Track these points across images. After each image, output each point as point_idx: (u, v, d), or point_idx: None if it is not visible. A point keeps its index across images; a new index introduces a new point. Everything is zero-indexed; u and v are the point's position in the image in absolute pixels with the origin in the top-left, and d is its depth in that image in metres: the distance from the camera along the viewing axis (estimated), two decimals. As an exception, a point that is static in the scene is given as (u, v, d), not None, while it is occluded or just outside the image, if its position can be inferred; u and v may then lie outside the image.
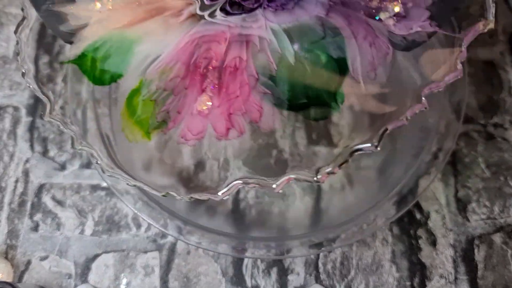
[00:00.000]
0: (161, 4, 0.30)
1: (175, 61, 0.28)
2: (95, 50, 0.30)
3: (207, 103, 0.28)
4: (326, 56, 0.27)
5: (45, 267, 0.45)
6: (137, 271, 0.45)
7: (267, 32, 0.28)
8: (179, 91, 0.28)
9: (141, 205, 0.38)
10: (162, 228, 0.37)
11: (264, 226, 0.39)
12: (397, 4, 0.26)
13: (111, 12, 0.29)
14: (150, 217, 0.38)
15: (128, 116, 0.29)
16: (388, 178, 0.40)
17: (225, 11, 0.29)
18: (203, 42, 0.29)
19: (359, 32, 0.27)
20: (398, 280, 0.45)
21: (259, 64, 0.28)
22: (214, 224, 0.40)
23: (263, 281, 0.45)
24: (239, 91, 0.28)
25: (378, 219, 0.37)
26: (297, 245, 0.38)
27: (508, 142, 0.49)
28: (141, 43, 0.29)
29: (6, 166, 0.49)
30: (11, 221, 0.47)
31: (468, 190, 0.47)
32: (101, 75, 0.30)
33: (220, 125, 0.28)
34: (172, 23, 0.29)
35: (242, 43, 0.28)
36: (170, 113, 0.29)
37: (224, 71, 0.28)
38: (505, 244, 0.46)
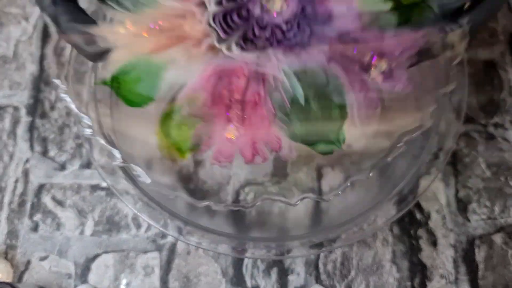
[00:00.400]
0: (181, 32, 0.32)
1: (201, 91, 0.32)
2: (125, 73, 0.32)
3: (234, 131, 0.32)
4: (330, 101, 0.31)
5: (45, 267, 0.45)
6: (137, 272, 0.45)
7: (280, 72, 0.32)
8: (208, 118, 0.32)
9: (141, 205, 0.38)
10: (162, 228, 0.37)
11: (264, 227, 0.39)
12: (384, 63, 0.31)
13: (135, 37, 0.32)
14: (150, 217, 0.38)
15: (164, 138, 0.33)
16: (388, 178, 0.40)
17: (240, 46, 0.32)
18: (224, 75, 0.32)
19: (355, 84, 0.31)
20: (399, 280, 0.45)
21: (275, 101, 0.32)
22: (214, 224, 0.40)
23: (263, 281, 0.45)
24: (260, 124, 0.32)
25: (378, 219, 0.37)
26: (297, 245, 0.38)
27: (508, 142, 0.49)
28: (167, 70, 0.32)
29: (6, 166, 0.48)
30: (11, 221, 0.47)
31: (469, 190, 0.47)
32: (133, 97, 0.32)
33: (247, 151, 0.32)
34: (194, 54, 0.32)
35: (259, 80, 0.32)
36: (202, 137, 0.32)
37: (246, 104, 0.32)
38: (506, 245, 0.46)
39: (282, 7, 0.33)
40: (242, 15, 0.32)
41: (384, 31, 0.31)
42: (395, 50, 0.32)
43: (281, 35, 0.32)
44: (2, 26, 0.53)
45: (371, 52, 0.32)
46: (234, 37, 0.32)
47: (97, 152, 0.40)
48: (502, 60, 0.52)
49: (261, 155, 0.32)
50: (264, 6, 0.33)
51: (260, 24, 0.32)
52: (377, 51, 0.32)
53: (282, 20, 0.32)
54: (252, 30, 0.32)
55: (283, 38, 0.32)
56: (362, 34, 0.32)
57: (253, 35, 0.33)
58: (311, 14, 0.33)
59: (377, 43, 0.32)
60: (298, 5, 0.33)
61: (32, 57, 0.52)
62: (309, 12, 0.33)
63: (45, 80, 0.51)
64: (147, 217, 0.38)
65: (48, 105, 0.50)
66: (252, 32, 0.32)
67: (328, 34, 0.32)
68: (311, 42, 0.32)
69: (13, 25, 0.53)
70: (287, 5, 0.33)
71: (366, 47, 0.32)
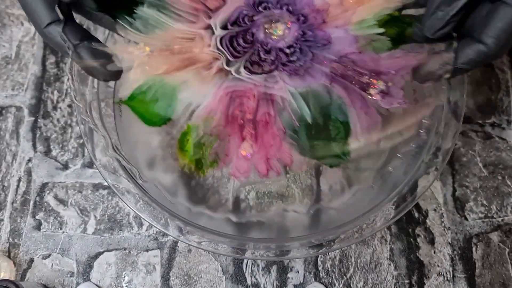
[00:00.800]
0: (191, 55, 0.35)
1: (215, 111, 0.34)
2: (142, 93, 0.34)
3: (249, 149, 0.34)
4: (335, 119, 0.34)
5: (48, 266, 0.46)
6: (139, 269, 0.45)
7: (287, 93, 0.35)
8: (223, 137, 0.35)
9: (141, 205, 0.38)
10: (162, 228, 0.37)
11: (263, 227, 0.39)
12: (381, 82, 0.34)
13: (149, 58, 0.34)
14: (150, 217, 0.38)
15: (183, 156, 0.35)
16: (387, 179, 0.40)
17: (248, 69, 0.35)
18: (235, 96, 0.35)
19: (356, 102, 0.34)
20: (397, 278, 0.45)
21: (284, 120, 0.35)
22: (214, 225, 0.40)
23: (263, 279, 0.45)
24: (272, 141, 0.34)
25: (377, 219, 0.37)
26: (297, 246, 0.38)
27: (505, 141, 0.49)
28: (182, 91, 0.34)
29: (8, 166, 0.49)
30: (14, 220, 0.47)
31: (466, 189, 0.48)
32: (151, 117, 0.35)
33: (261, 167, 0.35)
34: (205, 76, 0.35)
35: (268, 101, 0.35)
36: (219, 155, 0.35)
37: (257, 124, 0.35)
38: (503, 243, 0.46)
39: (284, 32, 0.36)
40: (247, 39, 0.35)
41: (379, 53, 0.34)
42: (390, 70, 0.35)
43: (285, 58, 0.36)
44: (4, 27, 0.54)
45: (369, 73, 0.34)
46: (242, 60, 0.35)
47: (98, 151, 0.40)
48: (500, 60, 0.52)
49: (275, 170, 0.35)
50: (267, 30, 0.36)
51: (265, 48, 0.36)
52: (374, 72, 0.35)
53: (285, 44, 0.36)
54: (258, 53, 0.35)
55: (287, 61, 0.36)
56: (359, 56, 0.35)
57: (259, 58, 0.35)
58: (312, 39, 0.36)
59: (373, 64, 0.34)
60: (299, 30, 0.36)
61: (34, 58, 0.52)
62: (309, 36, 0.36)
63: (47, 80, 0.51)
64: (147, 217, 0.38)
65: (50, 105, 0.50)
66: (258, 55, 0.35)
67: (328, 57, 0.35)
68: (313, 64, 0.35)
69: (16, 26, 0.54)
70: (288, 30, 0.36)
71: (364, 68, 0.35)
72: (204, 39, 0.35)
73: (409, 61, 0.34)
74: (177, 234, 0.37)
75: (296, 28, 0.36)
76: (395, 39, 0.35)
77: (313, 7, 0.37)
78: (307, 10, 0.37)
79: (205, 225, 0.38)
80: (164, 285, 0.45)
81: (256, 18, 0.36)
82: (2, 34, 0.53)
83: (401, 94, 0.34)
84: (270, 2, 0.37)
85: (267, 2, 0.37)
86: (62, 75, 0.51)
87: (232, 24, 0.36)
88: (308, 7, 0.37)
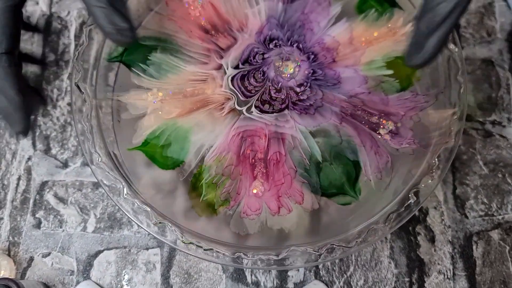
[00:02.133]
0: (204, 96, 0.37)
1: (227, 151, 0.36)
2: (156, 138, 0.36)
3: (260, 187, 0.35)
4: (345, 158, 0.35)
5: (48, 264, 0.46)
6: (139, 268, 0.45)
7: (297, 132, 0.36)
8: (235, 176, 0.36)
9: (137, 207, 0.37)
10: (159, 236, 0.36)
11: (263, 235, 0.38)
12: (391, 123, 0.35)
13: (162, 103, 0.36)
14: (147, 220, 0.37)
15: (195, 197, 0.36)
16: (389, 182, 0.39)
17: (259, 108, 0.36)
18: (247, 136, 0.36)
19: (366, 142, 0.35)
20: (397, 276, 0.45)
21: (295, 159, 0.36)
22: (213, 227, 0.39)
23: (263, 277, 0.45)
24: (283, 179, 0.35)
25: (380, 225, 0.36)
26: (298, 255, 0.36)
27: (506, 139, 0.49)
28: (194, 133, 0.36)
29: (8, 164, 0.49)
30: (14, 218, 0.47)
31: (467, 187, 0.48)
32: (165, 160, 0.36)
33: (273, 205, 0.35)
34: (217, 116, 0.36)
35: (279, 140, 0.36)
36: (231, 194, 0.36)
37: (269, 163, 0.36)
38: (503, 241, 0.46)
39: (295, 70, 0.37)
40: (258, 78, 0.37)
41: (388, 94, 0.35)
42: (399, 111, 0.35)
43: (295, 97, 0.36)
44: (4, 25, 0.54)
45: (378, 113, 0.36)
46: (253, 100, 0.36)
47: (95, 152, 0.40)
48: (500, 58, 0.52)
49: (285, 208, 0.35)
50: (278, 68, 0.37)
51: (276, 87, 0.37)
52: (383, 112, 0.35)
53: (296, 83, 0.37)
54: (269, 92, 0.36)
55: (298, 100, 0.36)
56: (369, 97, 0.36)
57: (270, 97, 0.36)
58: (322, 78, 0.37)
59: (383, 105, 0.35)
60: (309, 69, 0.37)
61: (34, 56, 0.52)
62: (319, 75, 0.37)
63: (47, 79, 0.51)
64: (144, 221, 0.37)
65: (50, 103, 0.50)
66: (269, 94, 0.36)
67: (338, 97, 0.36)
68: (323, 103, 0.36)
69: (15, 24, 0.54)
70: (299, 68, 0.37)
71: (374, 109, 0.36)
72: (216, 80, 0.37)
73: (417, 103, 0.35)
74: (174, 239, 0.36)
75: (306, 66, 0.37)
76: (404, 81, 0.36)
77: (323, 45, 0.38)
78: (317, 49, 0.38)
79: (203, 227, 0.37)
80: (164, 283, 0.45)
81: (267, 56, 0.38)
82: (1, 32, 0.53)
83: (410, 134, 0.35)
84: (281, 39, 0.38)
85: (278, 39, 0.38)
86: (61, 74, 0.51)
87: (243, 62, 0.37)
88: (318, 45, 0.38)
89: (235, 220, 0.36)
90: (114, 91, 0.40)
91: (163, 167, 0.37)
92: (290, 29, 0.38)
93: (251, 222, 0.36)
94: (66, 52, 0.52)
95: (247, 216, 0.36)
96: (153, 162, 0.37)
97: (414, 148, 0.35)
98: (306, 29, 0.39)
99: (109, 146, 0.39)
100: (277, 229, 0.36)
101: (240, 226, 0.36)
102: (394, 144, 0.36)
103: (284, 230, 0.36)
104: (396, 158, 0.36)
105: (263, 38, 0.38)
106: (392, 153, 0.35)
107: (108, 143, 0.39)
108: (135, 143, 0.37)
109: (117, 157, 0.38)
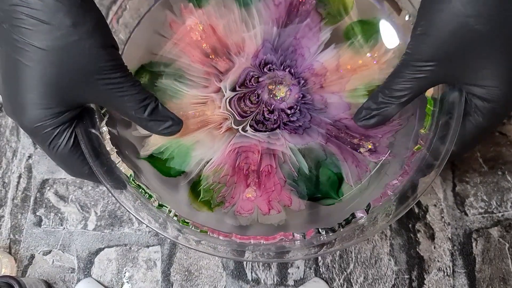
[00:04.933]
0: (204, 118, 0.41)
1: (224, 164, 0.40)
2: (160, 153, 0.40)
3: (253, 193, 0.39)
4: (329, 171, 0.40)
5: (48, 262, 0.46)
6: (139, 265, 0.45)
7: (287, 149, 0.40)
8: (230, 184, 0.40)
9: (139, 204, 0.38)
10: (160, 231, 0.37)
11: (263, 228, 0.40)
12: (370, 143, 0.40)
13: None
14: (148, 217, 0.37)
15: (194, 198, 0.40)
16: (387, 177, 0.40)
17: (254, 127, 0.40)
18: (242, 151, 0.40)
19: (348, 158, 0.40)
20: (397, 273, 0.45)
21: (285, 171, 0.40)
22: (214, 220, 0.39)
23: (263, 274, 0.45)
24: (273, 187, 0.40)
25: (379, 217, 0.37)
26: (297, 247, 0.37)
27: (505, 136, 0.49)
28: (195, 149, 0.40)
29: (9, 162, 0.49)
30: (14, 216, 0.47)
31: (466, 185, 0.48)
32: (168, 170, 0.40)
33: (264, 207, 0.39)
34: (216, 134, 0.41)
35: (270, 155, 0.40)
36: (226, 198, 0.40)
37: (261, 174, 0.40)
38: (503, 238, 0.46)
39: (286, 94, 0.41)
40: (253, 100, 0.41)
41: None
42: (377, 134, 0.40)
43: (286, 118, 0.41)
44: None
45: (359, 136, 0.40)
46: (248, 120, 0.41)
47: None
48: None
49: (275, 209, 0.39)
50: (271, 91, 0.41)
51: (269, 108, 0.41)
52: (363, 135, 0.40)
53: (287, 105, 0.41)
54: (263, 113, 0.41)
55: (288, 121, 0.41)
56: (351, 122, 0.40)
57: (263, 118, 0.41)
58: (310, 102, 0.41)
59: (363, 129, 0.40)
60: (299, 93, 0.41)
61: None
62: (308, 100, 0.41)
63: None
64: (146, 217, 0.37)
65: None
66: (263, 115, 0.41)
67: (324, 120, 0.41)
68: (311, 125, 0.41)
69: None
70: (290, 92, 0.41)
71: (355, 132, 0.41)
72: (215, 102, 0.41)
73: (393, 127, 0.40)
74: (176, 233, 0.37)
75: (297, 91, 0.41)
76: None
77: (312, 71, 0.42)
78: (307, 74, 0.42)
79: (205, 220, 0.38)
80: (165, 280, 0.45)
81: (262, 80, 0.42)
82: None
83: (386, 150, 0.40)
84: (274, 63, 0.42)
85: (272, 63, 0.42)
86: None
87: (240, 85, 0.41)
88: (308, 71, 0.42)
89: (229, 216, 0.40)
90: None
91: (166, 175, 0.40)
92: (283, 53, 0.42)
93: (244, 219, 0.40)
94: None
95: (240, 215, 0.40)
96: (157, 170, 0.40)
97: (389, 159, 0.40)
98: (297, 54, 0.43)
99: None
100: (266, 224, 0.40)
101: (235, 221, 0.40)
102: (373, 159, 0.40)
103: (273, 225, 0.39)
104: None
105: (259, 62, 0.42)
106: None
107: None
108: (142, 155, 0.40)
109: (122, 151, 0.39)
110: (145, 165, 0.41)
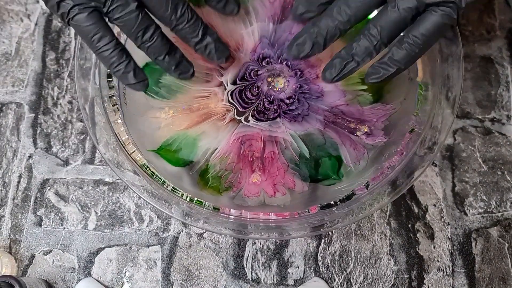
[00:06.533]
0: (207, 110, 0.43)
1: (229, 152, 0.42)
2: (169, 145, 0.42)
3: (258, 178, 0.42)
4: (328, 154, 0.42)
5: (49, 261, 0.46)
6: (140, 265, 0.46)
7: (288, 136, 0.42)
8: (236, 171, 0.42)
9: (146, 196, 0.41)
10: (168, 212, 0.40)
11: (264, 209, 0.41)
12: (365, 127, 0.42)
13: (173, 118, 0.42)
14: (157, 204, 0.41)
15: (203, 185, 0.42)
16: (382, 168, 0.41)
17: (255, 117, 0.42)
18: (245, 139, 0.42)
19: (346, 141, 0.42)
20: (396, 273, 0.45)
21: (287, 156, 0.42)
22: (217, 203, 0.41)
23: (263, 274, 0.45)
24: (277, 172, 0.42)
25: (374, 204, 0.40)
26: (296, 227, 0.41)
27: (505, 136, 0.49)
28: (201, 140, 0.42)
29: (9, 162, 0.49)
30: (15, 216, 0.47)
31: (466, 185, 0.48)
32: (177, 160, 0.42)
33: (269, 190, 0.42)
34: (220, 125, 0.42)
35: (272, 142, 0.42)
36: (233, 183, 0.42)
37: (265, 160, 0.42)
38: (502, 238, 0.46)
39: (284, 85, 0.43)
40: (253, 92, 0.43)
41: (363, 106, 0.42)
42: (372, 119, 0.42)
43: (286, 107, 0.43)
44: (4, 23, 0.54)
45: (355, 121, 0.43)
46: (249, 110, 0.42)
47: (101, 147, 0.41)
48: (499, 55, 0.52)
49: (280, 192, 0.42)
50: (270, 83, 0.43)
51: (269, 99, 0.43)
52: (359, 120, 0.43)
53: (285, 95, 0.43)
54: (263, 103, 0.43)
55: (288, 110, 0.43)
56: (347, 108, 0.43)
57: (264, 108, 0.43)
58: (307, 91, 0.43)
59: (358, 114, 0.42)
60: (297, 84, 0.43)
61: (34, 54, 0.52)
62: (305, 89, 0.43)
63: (47, 76, 0.51)
64: (154, 204, 0.41)
65: (50, 102, 0.51)
66: (263, 105, 0.43)
67: (321, 107, 0.43)
68: (309, 113, 0.43)
69: (15, 22, 0.54)
70: (288, 83, 0.43)
71: (351, 117, 0.43)
72: (218, 95, 0.43)
73: (387, 111, 0.42)
74: (183, 219, 0.41)
75: (294, 81, 0.43)
76: (375, 95, 0.43)
77: (308, 62, 0.44)
78: (303, 66, 0.44)
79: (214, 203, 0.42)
80: (165, 280, 0.45)
81: (261, 73, 0.43)
82: (1, 31, 0.53)
83: (382, 133, 0.42)
84: (272, 57, 0.44)
85: (269, 57, 0.44)
86: (62, 71, 0.52)
87: (240, 79, 0.43)
88: (304, 63, 0.44)
89: (237, 198, 0.42)
90: (119, 89, 0.42)
91: (175, 165, 0.42)
92: (280, 48, 0.44)
93: (251, 201, 0.42)
94: (67, 50, 0.52)
95: (248, 197, 0.42)
96: (166, 161, 0.42)
97: (384, 141, 0.42)
98: None
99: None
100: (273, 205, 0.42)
101: (243, 202, 0.42)
102: (369, 142, 0.42)
103: (279, 205, 0.42)
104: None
105: (257, 57, 0.44)
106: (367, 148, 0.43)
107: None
108: (151, 148, 0.42)
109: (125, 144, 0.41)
110: (153, 158, 0.42)
